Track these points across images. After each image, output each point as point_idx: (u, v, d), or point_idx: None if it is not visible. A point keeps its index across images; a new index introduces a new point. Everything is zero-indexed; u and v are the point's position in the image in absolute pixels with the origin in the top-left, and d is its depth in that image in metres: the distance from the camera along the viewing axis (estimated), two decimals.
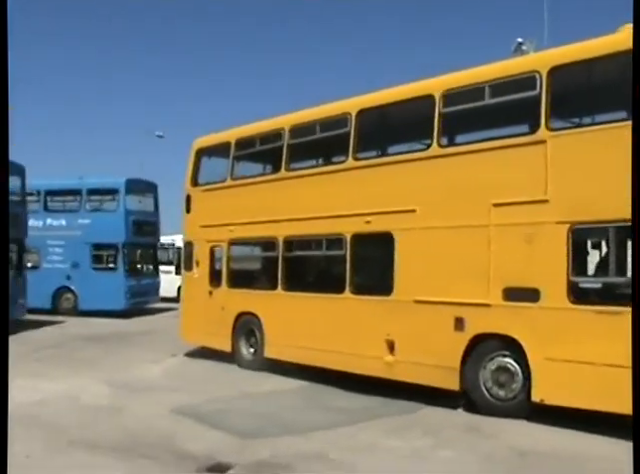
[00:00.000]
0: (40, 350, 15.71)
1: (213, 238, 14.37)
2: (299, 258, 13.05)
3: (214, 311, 14.05)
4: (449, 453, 7.60)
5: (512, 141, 9.52)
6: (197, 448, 7.63)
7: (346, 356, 11.17)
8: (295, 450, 7.62)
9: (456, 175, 9.95)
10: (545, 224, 8.74)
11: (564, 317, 8.46)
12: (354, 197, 11.39)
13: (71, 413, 9.47)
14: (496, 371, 9.29)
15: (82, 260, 24.14)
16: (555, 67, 8.93)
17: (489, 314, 9.30)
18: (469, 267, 9.57)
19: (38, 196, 24.64)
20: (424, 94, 10.49)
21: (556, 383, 8.56)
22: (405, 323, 10.32)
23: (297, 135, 12.75)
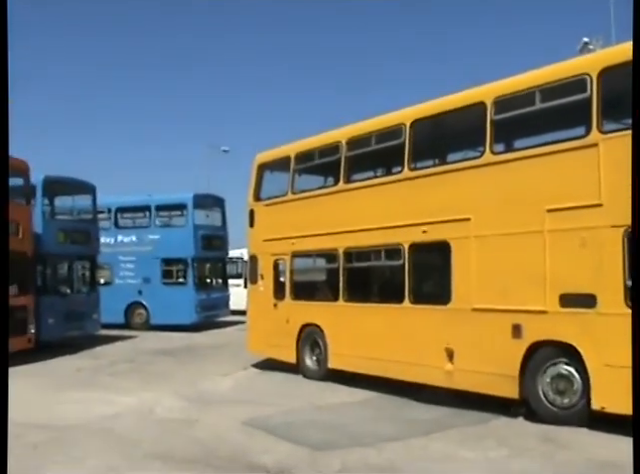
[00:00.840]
0: (114, 364, 16.14)
1: (276, 251, 14.76)
2: (359, 269, 13.26)
3: (279, 323, 14.41)
4: (525, 463, 7.50)
5: (564, 145, 9.52)
6: (269, 460, 7.69)
7: (407, 365, 11.34)
8: (366, 462, 7.60)
9: (509, 182, 10.03)
10: (599, 228, 8.72)
11: (621, 322, 8.11)
12: (410, 207, 11.56)
13: (145, 426, 9.68)
14: (555, 378, 9.28)
15: (153, 275, 24.67)
16: (605, 68, 8.91)
17: (546, 321, 9.33)
18: (525, 274, 9.64)
19: (109, 213, 25.36)
20: (476, 102, 10.61)
21: (616, 390, 8.32)
22: (464, 331, 10.44)
23: (354, 147, 13.04)
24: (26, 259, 17.03)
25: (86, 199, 21.51)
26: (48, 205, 20.95)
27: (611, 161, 8.69)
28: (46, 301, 18.27)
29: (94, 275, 21.53)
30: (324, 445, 8.35)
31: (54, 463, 7.74)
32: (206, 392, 12.40)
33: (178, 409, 10.82)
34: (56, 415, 10.38)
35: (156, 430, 9.39)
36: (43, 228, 18.60)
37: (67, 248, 19.83)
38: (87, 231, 21.00)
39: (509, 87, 10.26)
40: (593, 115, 8.94)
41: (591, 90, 8.97)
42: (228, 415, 10.19)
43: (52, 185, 19.95)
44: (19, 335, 16.31)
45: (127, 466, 7.58)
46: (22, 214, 17.07)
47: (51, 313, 18.36)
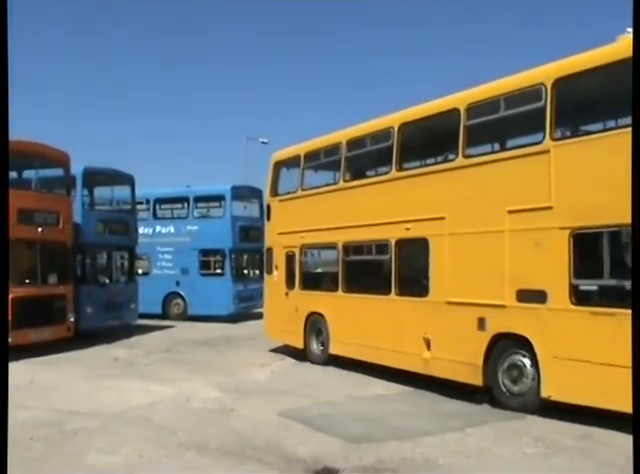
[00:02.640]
0: (151, 354, 16.59)
1: (288, 244, 15.95)
2: (355, 262, 14.27)
3: (289, 311, 15.68)
4: (563, 461, 7.53)
5: (522, 151, 10.42)
6: (305, 451, 7.84)
7: (393, 353, 12.41)
8: (402, 455, 7.67)
9: (477, 183, 10.92)
10: (550, 229, 9.52)
11: (567, 318, 9.24)
12: (397, 205, 12.56)
13: (181, 415, 9.90)
14: (510, 368, 10.16)
15: (190, 266, 25.05)
16: (558, 79, 9.68)
17: (505, 314, 10.21)
18: (489, 270, 10.55)
19: (147, 204, 25.89)
20: (451, 108, 11.47)
21: (562, 380, 9.34)
22: (439, 322, 11.45)
23: (352, 148, 14.10)
24: (66, 249, 17.62)
25: (125, 190, 21.99)
26: (87, 196, 21.26)
27: (561, 167, 9.55)
28: (85, 290, 18.81)
29: (132, 265, 22.02)
30: (360, 437, 8.46)
31: (91, 450, 7.95)
32: (242, 382, 12.66)
33: (214, 399, 11.04)
34: (94, 403, 10.72)
35: (192, 419, 9.57)
36: (82, 218, 19.07)
37: (106, 238, 20.28)
38: (126, 222, 21.45)
39: (479, 95, 11.11)
40: (547, 123, 9.75)
41: (545, 99, 9.78)
42: (264, 406, 10.41)
43: (92, 176, 20.31)
44: (58, 323, 16.81)
45: (162, 454, 7.76)
46: (62, 205, 17.50)
47: (90, 302, 18.88)
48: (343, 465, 7.28)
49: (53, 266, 17.32)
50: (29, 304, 15.22)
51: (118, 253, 21.61)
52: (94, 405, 10.51)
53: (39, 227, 16.44)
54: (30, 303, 15.30)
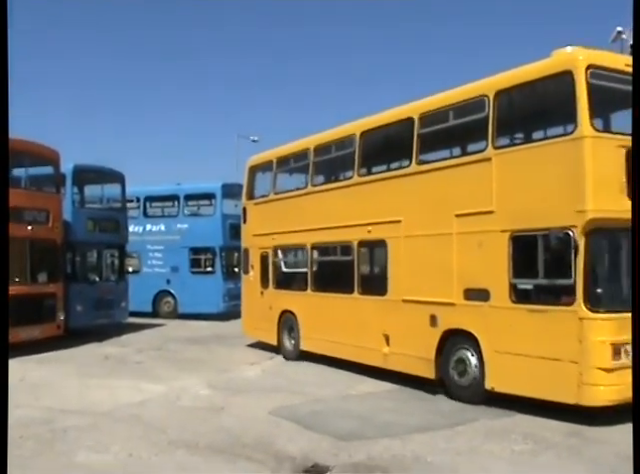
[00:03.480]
0: (142, 352, 16.44)
1: (262, 245, 16.57)
2: (322, 262, 15.02)
3: (264, 309, 16.29)
4: (552, 458, 7.50)
5: (468, 159, 11.04)
6: (295, 449, 7.79)
7: (356, 348, 12.99)
8: (392, 453, 7.65)
9: (429, 189, 11.48)
10: (491, 232, 10.07)
11: (506, 315, 9.82)
12: (359, 209, 13.12)
13: (171, 413, 9.84)
14: (457, 362, 10.73)
15: (181, 264, 24.86)
16: (499, 91, 10.23)
17: (454, 312, 10.79)
18: (439, 270, 11.09)
19: (138, 202, 25.58)
20: (406, 117, 11.99)
21: (503, 373, 9.93)
22: (396, 320, 12.02)
23: (319, 154, 14.65)
24: (55, 247, 17.37)
25: (115, 188, 21.80)
26: (78, 194, 20.99)
27: (502, 173, 10.08)
28: (75, 289, 18.63)
29: (123, 263, 21.81)
30: (350, 435, 8.42)
31: (81, 448, 7.90)
32: (233, 380, 12.65)
33: (205, 397, 11.00)
34: (85, 401, 10.65)
35: (182, 418, 9.51)
36: (72, 216, 18.93)
37: (96, 236, 20.06)
38: (116, 220, 21.27)
39: (431, 105, 11.66)
40: (489, 132, 10.27)
41: (488, 110, 10.29)
42: (255, 404, 10.38)
43: (82, 174, 20.11)
44: (48, 322, 16.73)
45: (151, 453, 7.69)
46: (52, 202, 17.36)
47: (80, 301, 18.71)
48: (333, 462, 7.27)
49: (43, 264, 17.21)
50: (19, 302, 14.95)
51: (108, 251, 21.42)
52: (84, 403, 10.49)
53: (29, 225, 16.27)
54: (20, 301, 15.02)
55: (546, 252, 9.22)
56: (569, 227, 8.91)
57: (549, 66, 9.56)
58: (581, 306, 8.80)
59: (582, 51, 9.21)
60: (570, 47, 9.28)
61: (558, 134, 9.95)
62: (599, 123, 10.01)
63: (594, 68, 9.02)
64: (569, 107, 9.10)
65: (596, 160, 8.84)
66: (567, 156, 9.06)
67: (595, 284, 8.95)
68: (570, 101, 9.03)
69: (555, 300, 9.21)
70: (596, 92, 8.99)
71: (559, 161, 9.22)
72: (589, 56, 9.15)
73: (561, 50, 9.40)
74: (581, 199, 8.83)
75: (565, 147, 9.15)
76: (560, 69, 9.29)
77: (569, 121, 9.38)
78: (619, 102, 10.03)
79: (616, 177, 8.80)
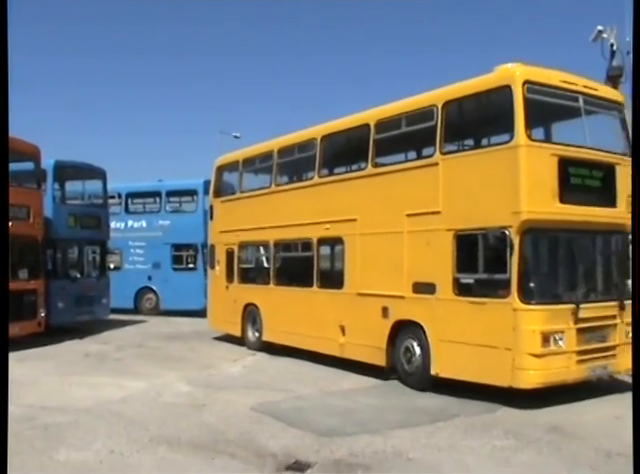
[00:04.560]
0: (123, 349, 16.01)
1: (228, 241, 17.02)
2: (284, 258, 15.49)
3: (229, 302, 16.79)
4: (531, 454, 7.37)
5: (418, 163, 11.77)
6: (276, 446, 7.62)
7: (315, 339, 13.55)
8: (373, 449, 7.51)
9: (383, 190, 12.04)
10: (438, 231, 10.68)
11: (450, 306, 10.47)
12: (319, 208, 13.65)
13: (153, 410, 9.59)
14: (405, 350, 11.39)
15: (163, 261, 24.35)
16: (447, 101, 10.88)
17: (404, 304, 11.40)
18: (391, 265, 11.68)
19: (119, 199, 24.99)
20: (363, 123, 12.62)
21: (447, 360, 10.57)
22: (351, 312, 12.63)
23: (283, 156, 15.20)
24: (36, 243, 17.00)
25: (97, 184, 21.28)
26: (59, 190, 20.56)
27: (448, 177, 10.70)
28: (56, 285, 18.16)
29: (104, 260, 21.25)
30: (331, 431, 8.28)
31: (62, 445, 7.70)
32: (215, 377, 12.41)
33: (186, 394, 10.75)
34: (66, 398, 10.38)
35: (163, 414, 9.29)
36: (54, 213, 18.48)
37: (77, 233, 19.62)
38: (97, 216, 20.72)
39: (386, 112, 12.24)
40: (437, 139, 10.89)
41: (437, 118, 10.92)
42: (236, 400, 10.13)
43: (63, 170, 19.71)
44: (29, 319, 16.38)
45: (133, 449, 7.52)
46: (33, 199, 16.99)
47: (61, 297, 18.30)
48: (315, 459, 7.13)
49: (24, 261, 16.74)
50: None
51: (90, 247, 20.92)
52: (65, 400, 10.21)
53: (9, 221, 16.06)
54: None
55: (485, 249, 9.86)
56: (505, 227, 9.56)
57: (491, 80, 10.25)
58: (515, 298, 9.44)
59: (520, 67, 9.87)
60: (511, 63, 9.97)
61: (497, 142, 10.64)
62: (540, 133, 10.89)
63: (530, 83, 9.73)
64: (507, 118, 9.78)
65: (530, 167, 9.53)
66: (505, 162, 9.74)
67: (528, 279, 9.61)
68: (508, 112, 9.72)
69: (493, 293, 9.84)
70: (532, 105, 9.68)
71: (498, 167, 9.89)
72: (526, 72, 9.84)
73: (502, 66, 10.06)
74: (516, 202, 9.51)
75: (503, 154, 9.84)
76: (500, 84, 10.00)
77: (507, 131, 10.03)
78: (554, 114, 11.05)
79: (549, 182, 9.66)
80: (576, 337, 9.73)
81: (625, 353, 10.13)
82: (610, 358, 10.27)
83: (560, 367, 9.57)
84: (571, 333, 9.67)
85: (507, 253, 9.55)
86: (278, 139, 15.54)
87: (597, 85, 10.97)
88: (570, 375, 9.73)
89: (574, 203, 9.89)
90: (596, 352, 10.07)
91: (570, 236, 10.39)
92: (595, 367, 10.04)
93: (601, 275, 10.92)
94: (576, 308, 9.74)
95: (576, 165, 10.12)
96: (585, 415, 9.19)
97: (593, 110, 10.76)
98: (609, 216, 10.44)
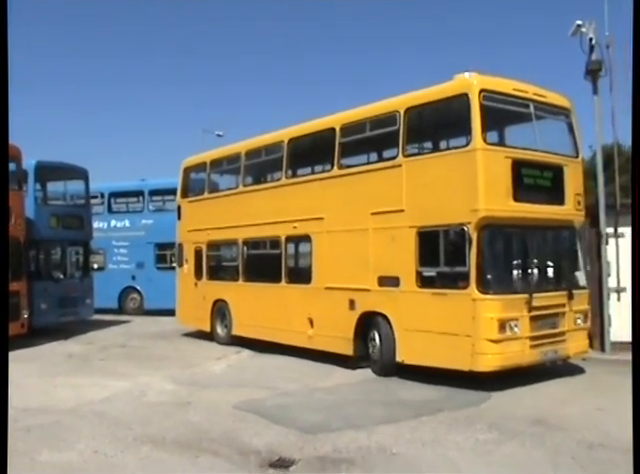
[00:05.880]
0: (107, 349, 15.52)
1: (196, 240, 17.12)
2: (253, 255, 15.57)
3: (198, 299, 16.87)
4: (514, 447, 7.18)
5: (382, 165, 12.11)
6: (260, 443, 7.38)
7: (283, 331, 13.83)
8: (358, 444, 7.30)
9: (348, 190, 12.39)
10: (402, 228, 11.07)
11: (414, 298, 10.89)
12: (286, 207, 13.87)
13: (136, 410, 9.26)
14: (371, 340, 11.88)
15: (146, 260, 23.66)
16: (409, 107, 11.27)
17: (370, 297, 11.76)
18: (357, 261, 12.00)
19: (102, 198, 24.31)
20: (329, 127, 12.91)
21: (411, 347, 11.00)
22: (319, 305, 12.91)
23: (250, 158, 15.41)
24: (19, 244, 16.36)
25: (78, 184, 20.57)
26: (40, 190, 20.01)
27: (410, 178, 11.11)
28: (39, 286, 17.60)
29: (87, 260, 20.54)
30: (316, 428, 8.03)
31: (45, 447, 7.42)
32: (199, 375, 12.02)
33: (170, 393, 10.39)
34: (49, 400, 9.99)
35: (147, 413, 8.97)
36: (35, 213, 17.87)
37: (60, 233, 19.00)
38: (80, 216, 20.09)
39: (350, 117, 12.59)
40: (400, 142, 11.28)
41: (399, 123, 11.29)
42: (221, 398, 9.80)
43: (44, 170, 19.11)
44: (12, 320, 15.77)
45: (117, 449, 7.27)
46: (14, 200, 16.34)
47: (44, 298, 17.75)
48: (298, 456, 6.90)
49: None
50: None
51: (72, 248, 20.28)
52: (48, 402, 9.83)
53: None
54: None
55: (446, 245, 10.34)
56: (464, 224, 10.06)
57: (449, 89, 10.71)
58: (474, 289, 9.91)
59: (477, 77, 10.34)
60: (467, 73, 10.45)
61: (456, 145, 11.17)
62: (494, 136, 11.38)
63: (486, 92, 10.23)
64: (465, 123, 10.24)
65: (486, 168, 10.04)
66: (463, 164, 10.24)
67: (485, 271, 10.09)
68: (466, 118, 10.17)
69: (453, 285, 10.32)
70: (487, 111, 10.16)
71: (457, 168, 10.33)
72: (482, 81, 10.32)
73: (460, 75, 10.53)
74: (474, 200, 9.99)
75: (462, 157, 10.33)
76: (458, 92, 10.48)
77: (465, 134, 10.49)
78: (507, 119, 11.67)
79: (503, 182, 10.21)
80: (529, 324, 10.26)
81: (573, 339, 11.09)
82: (560, 343, 10.89)
83: (515, 351, 10.09)
84: (525, 320, 10.20)
85: (466, 248, 10.03)
86: (245, 141, 15.82)
87: (546, 92, 11.37)
88: (524, 359, 10.24)
89: (526, 201, 10.47)
90: (547, 338, 10.66)
91: (523, 232, 10.85)
92: (547, 351, 10.64)
93: (552, 267, 11.51)
94: (529, 297, 10.27)
95: (528, 166, 10.72)
96: (568, 407, 9.16)
97: (543, 115, 11.31)
98: (558, 213, 11.13)
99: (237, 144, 16.24)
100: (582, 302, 11.43)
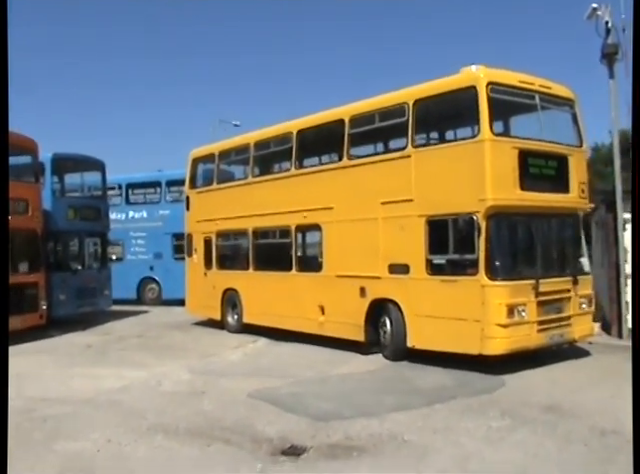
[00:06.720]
0: (125, 339, 15.36)
1: (206, 230, 17.03)
2: (263, 245, 15.59)
3: (208, 288, 16.84)
4: (526, 434, 7.00)
5: (391, 155, 12.16)
6: (272, 431, 7.27)
7: (294, 319, 13.89)
8: (369, 432, 7.17)
9: (358, 180, 12.46)
10: (411, 217, 11.21)
11: (423, 285, 11.03)
12: (296, 197, 13.89)
13: (152, 399, 9.19)
14: (382, 325, 11.99)
15: (164, 250, 23.29)
16: (417, 99, 11.35)
17: (380, 284, 11.87)
18: (367, 249, 12.08)
19: (120, 190, 24.01)
20: (338, 118, 12.96)
21: (422, 333, 11.14)
22: (330, 292, 13.00)
23: (259, 149, 15.44)
24: (36, 237, 16.29)
25: (95, 176, 20.42)
26: (57, 183, 19.69)
27: (419, 168, 11.20)
28: (57, 278, 17.48)
29: (105, 251, 20.30)
30: (328, 416, 7.90)
31: (60, 436, 7.39)
32: (215, 365, 11.84)
33: (186, 382, 10.28)
34: (66, 390, 9.89)
35: (162, 403, 8.89)
36: (53, 205, 17.78)
37: (77, 225, 18.89)
38: (97, 208, 19.92)
39: (359, 109, 12.64)
40: (409, 133, 11.35)
41: (408, 115, 11.36)
42: (235, 387, 9.66)
43: (61, 162, 18.98)
44: (31, 312, 15.76)
45: (130, 439, 7.21)
46: (31, 192, 16.15)
47: (62, 290, 17.67)
48: (310, 443, 6.79)
49: (24, 254, 16.07)
50: None
51: (90, 239, 20.01)
52: (65, 392, 9.72)
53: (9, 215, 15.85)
54: None
55: (455, 233, 10.42)
56: (473, 212, 10.18)
57: (457, 81, 10.79)
58: (483, 276, 10.06)
59: (484, 69, 10.42)
60: (474, 66, 10.60)
61: (464, 136, 11.26)
62: (499, 126, 11.38)
63: (493, 84, 10.34)
64: (473, 115, 10.35)
65: (494, 158, 10.15)
66: (471, 155, 10.35)
67: (494, 258, 10.24)
68: (474, 110, 10.26)
69: (462, 272, 10.46)
70: (495, 103, 10.27)
71: (465, 159, 10.41)
72: (489, 74, 10.42)
73: (467, 68, 10.64)
74: (482, 190, 10.12)
75: (470, 147, 10.43)
76: (466, 84, 10.58)
77: (472, 125, 10.64)
78: (513, 110, 11.81)
79: (510, 172, 10.33)
80: (536, 309, 10.46)
81: (578, 323, 11.29)
82: (566, 327, 11.07)
83: (523, 335, 10.28)
84: (532, 305, 10.37)
85: (475, 236, 10.17)
86: (254, 133, 15.85)
87: (551, 84, 11.38)
88: (531, 342, 10.42)
89: (533, 190, 10.60)
90: (553, 322, 10.85)
91: (530, 219, 10.95)
92: (553, 335, 10.84)
93: (557, 253, 11.60)
94: (536, 283, 10.42)
95: (534, 156, 10.84)
96: (582, 394, 9.06)
97: (548, 106, 11.37)
98: (563, 201, 11.25)
99: (246, 135, 16.30)
100: (586, 287, 11.51)
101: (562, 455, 6.45)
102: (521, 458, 6.37)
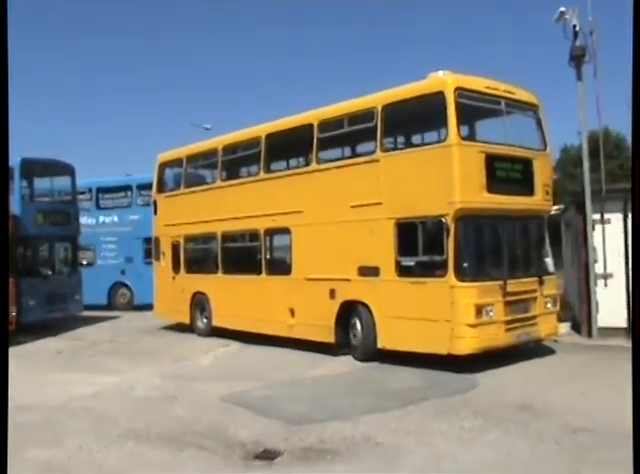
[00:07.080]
0: (96, 345, 15.03)
1: (173, 234, 16.87)
2: (232, 248, 15.54)
3: (176, 292, 16.69)
4: (499, 434, 6.99)
5: (360, 159, 12.26)
6: (245, 435, 7.18)
7: (264, 322, 13.84)
8: (342, 435, 7.10)
9: (327, 184, 12.48)
10: (380, 220, 11.27)
11: (393, 287, 11.10)
12: (265, 201, 13.84)
13: (124, 405, 9.01)
14: (352, 327, 12.07)
15: (135, 255, 22.81)
16: (386, 104, 11.39)
17: (350, 286, 11.90)
18: (337, 252, 12.10)
19: (90, 194, 23.47)
20: (307, 123, 12.97)
21: (392, 334, 11.23)
22: (300, 295, 12.99)
23: (227, 153, 15.40)
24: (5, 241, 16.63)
25: (65, 180, 19.99)
26: (26, 187, 19.22)
27: (388, 172, 11.31)
28: (26, 283, 17.07)
29: (75, 256, 19.91)
30: (301, 419, 7.83)
31: (31, 444, 7.23)
32: (186, 369, 11.68)
33: (158, 387, 10.11)
34: (38, 396, 9.69)
35: (134, 408, 8.77)
36: (22, 210, 17.32)
37: (47, 229, 18.46)
38: (67, 212, 19.51)
39: (328, 113, 12.64)
40: (378, 138, 11.44)
41: (377, 119, 11.42)
42: (207, 391, 9.53)
43: (30, 167, 18.51)
44: None
45: (102, 445, 7.09)
46: None
47: (32, 295, 17.24)
48: (284, 447, 6.72)
49: None
50: None
51: (60, 244, 19.70)
52: (37, 399, 9.52)
53: None
54: None
55: (424, 235, 10.56)
56: (442, 215, 10.27)
57: (425, 87, 10.92)
58: (452, 277, 10.18)
59: (451, 75, 10.56)
60: (441, 71, 10.75)
61: (433, 141, 11.45)
62: (465, 130, 11.46)
63: (460, 89, 10.47)
64: (441, 120, 10.52)
65: (462, 162, 10.28)
66: (439, 159, 10.48)
67: (462, 260, 10.36)
68: (442, 115, 10.40)
69: (431, 273, 10.55)
70: (462, 108, 10.40)
71: (433, 163, 10.53)
72: (457, 80, 10.56)
73: (435, 73, 10.79)
74: (451, 193, 10.24)
75: (438, 152, 10.57)
76: (434, 90, 10.69)
77: (441, 131, 10.80)
78: (479, 115, 11.95)
79: (477, 175, 10.51)
80: (504, 309, 10.62)
81: (544, 322, 11.55)
82: (532, 326, 11.30)
83: (491, 334, 10.41)
84: (500, 305, 10.53)
85: (444, 238, 10.29)
86: (222, 137, 15.83)
87: (516, 89, 11.59)
88: (499, 341, 10.55)
89: (499, 193, 10.77)
90: (520, 321, 11.06)
91: (497, 221, 11.04)
92: (520, 334, 11.04)
93: (523, 254, 11.72)
94: (504, 284, 10.60)
95: (500, 160, 11.01)
96: (553, 392, 9.09)
97: (513, 111, 11.56)
98: (528, 203, 11.45)
99: (214, 139, 16.29)
100: (551, 287, 11.73)
101: (534, 454, 6.44)
102: (494, 458, 6.35)
